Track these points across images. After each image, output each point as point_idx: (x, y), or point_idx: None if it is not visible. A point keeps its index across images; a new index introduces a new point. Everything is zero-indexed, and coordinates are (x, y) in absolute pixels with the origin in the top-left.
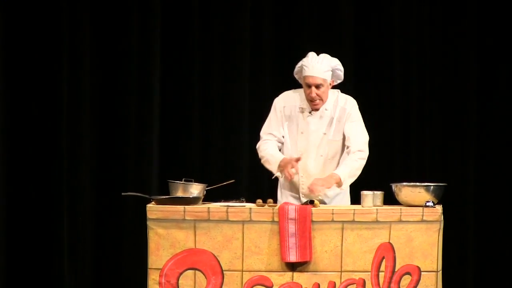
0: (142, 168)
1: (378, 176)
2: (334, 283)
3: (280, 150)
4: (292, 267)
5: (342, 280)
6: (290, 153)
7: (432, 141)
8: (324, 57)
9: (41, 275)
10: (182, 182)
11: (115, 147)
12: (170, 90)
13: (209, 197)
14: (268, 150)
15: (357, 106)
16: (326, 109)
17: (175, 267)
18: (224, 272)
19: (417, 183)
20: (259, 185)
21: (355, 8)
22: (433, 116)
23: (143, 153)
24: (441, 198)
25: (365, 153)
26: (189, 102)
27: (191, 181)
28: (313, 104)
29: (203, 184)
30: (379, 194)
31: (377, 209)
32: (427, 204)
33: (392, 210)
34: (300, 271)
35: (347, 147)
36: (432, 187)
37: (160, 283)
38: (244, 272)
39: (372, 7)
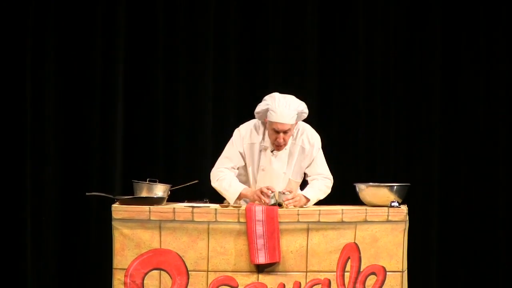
0: (106, 168)
1: (342, 177)
2: (300, 283)
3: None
4: (258, 267)
5: (308, 281)
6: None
7: (397, 141)
8: (291, 101)
9: (3, 276)
10: (147, 182)
11: (79, 146)
12: (135, 89)
13: (173, 197)
14: (227, 179)
15: (320, 144)
16: (285, 149)
17: (140, 267)
18: (189, 272)
19: (381, 183)
20: None
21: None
22: (398, 117)
23: (107, 153)
24: (405, 198)
25: (331, 182)
26: (153, 102)
27: (156, 182)
28: (278, 147)
29: (168, 185)
30: None
31: (342, 209)
32: (392, 204)
33: (357, 211)
34: (266, 271)
35: (313, 175)
36: (395, 187)
37: (125, 283)
38: (209, 273)
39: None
